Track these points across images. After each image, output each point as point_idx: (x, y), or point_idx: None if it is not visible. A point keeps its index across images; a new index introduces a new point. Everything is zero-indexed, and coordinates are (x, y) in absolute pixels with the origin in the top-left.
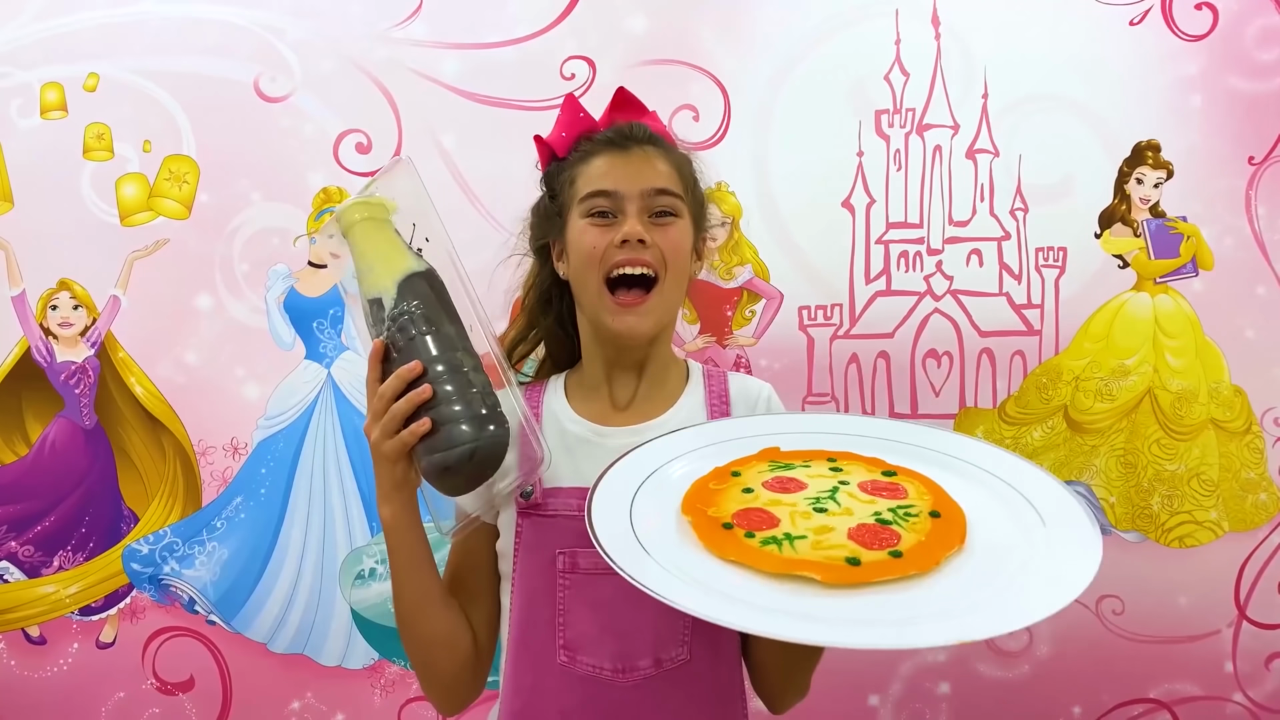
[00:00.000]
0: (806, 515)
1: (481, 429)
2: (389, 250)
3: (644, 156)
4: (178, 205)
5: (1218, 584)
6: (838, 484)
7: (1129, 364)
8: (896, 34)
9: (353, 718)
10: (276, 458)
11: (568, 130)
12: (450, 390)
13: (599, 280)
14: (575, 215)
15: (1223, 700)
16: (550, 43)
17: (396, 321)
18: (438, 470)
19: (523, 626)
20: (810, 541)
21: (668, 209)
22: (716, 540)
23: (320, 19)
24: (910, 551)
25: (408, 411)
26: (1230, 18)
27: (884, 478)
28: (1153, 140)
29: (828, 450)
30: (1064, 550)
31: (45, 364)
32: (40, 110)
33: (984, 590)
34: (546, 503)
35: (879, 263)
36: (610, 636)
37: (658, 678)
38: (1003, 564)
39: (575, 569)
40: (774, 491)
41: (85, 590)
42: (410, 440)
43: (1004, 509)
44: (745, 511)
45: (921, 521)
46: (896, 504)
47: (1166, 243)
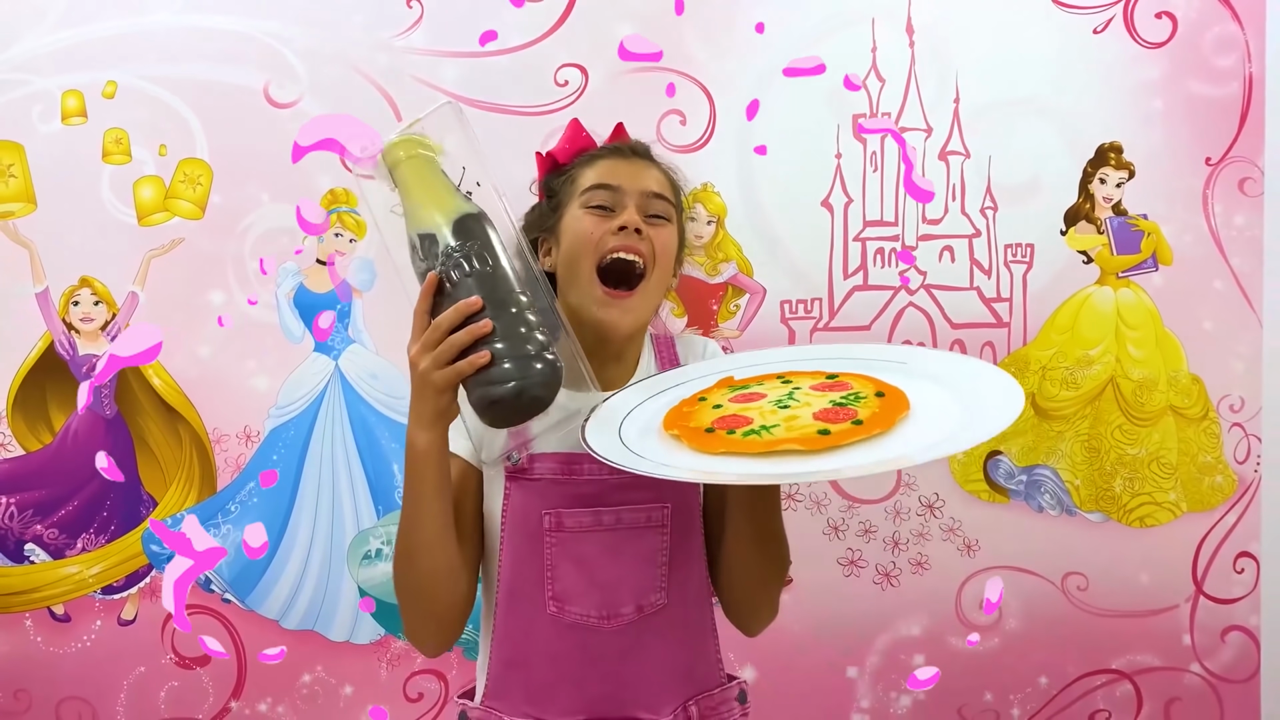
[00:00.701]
0: (774, 412)
1: (533, 366)
2: (440, 189)
3: (644, 164)
4: (192, 206)
5: (1176, 561)
6: (792, 390)
7: (1093, 354)
8: (873, 42)
9: (360, 690)
10: (287, 445)
11: (571, 144)
12: (505, 326)
13: (591, 267)
14: (574, 207)
15: (1181, 671)
16: (544, 51)
17: (451, 257)
18: (489, 402)
19: (513, 581)
20: (783, 427)
21: (661, 213)
22: (703, 440)
23: (326, 28)
24: (869, 419)
25: (466, 343)
26: (1189, 26)
27: (828, 380)
28: (1115, 142)
29: (776, 371)
30: (990, 389)
31: (68, 357)
32: (61, 116)
33: (943, 428)
34: (532, 467)
35: (856, 259)
36: (595, 588)
37: (639, 621)
38: (946, 411)
39: (561, 528)
40: (740, 403)
41: (107, 570)
42: (467, 370)
43: (933, 384)
44: (721, 418)
45: (870, 401)
46: (845, 393)
47: (1128, 239)
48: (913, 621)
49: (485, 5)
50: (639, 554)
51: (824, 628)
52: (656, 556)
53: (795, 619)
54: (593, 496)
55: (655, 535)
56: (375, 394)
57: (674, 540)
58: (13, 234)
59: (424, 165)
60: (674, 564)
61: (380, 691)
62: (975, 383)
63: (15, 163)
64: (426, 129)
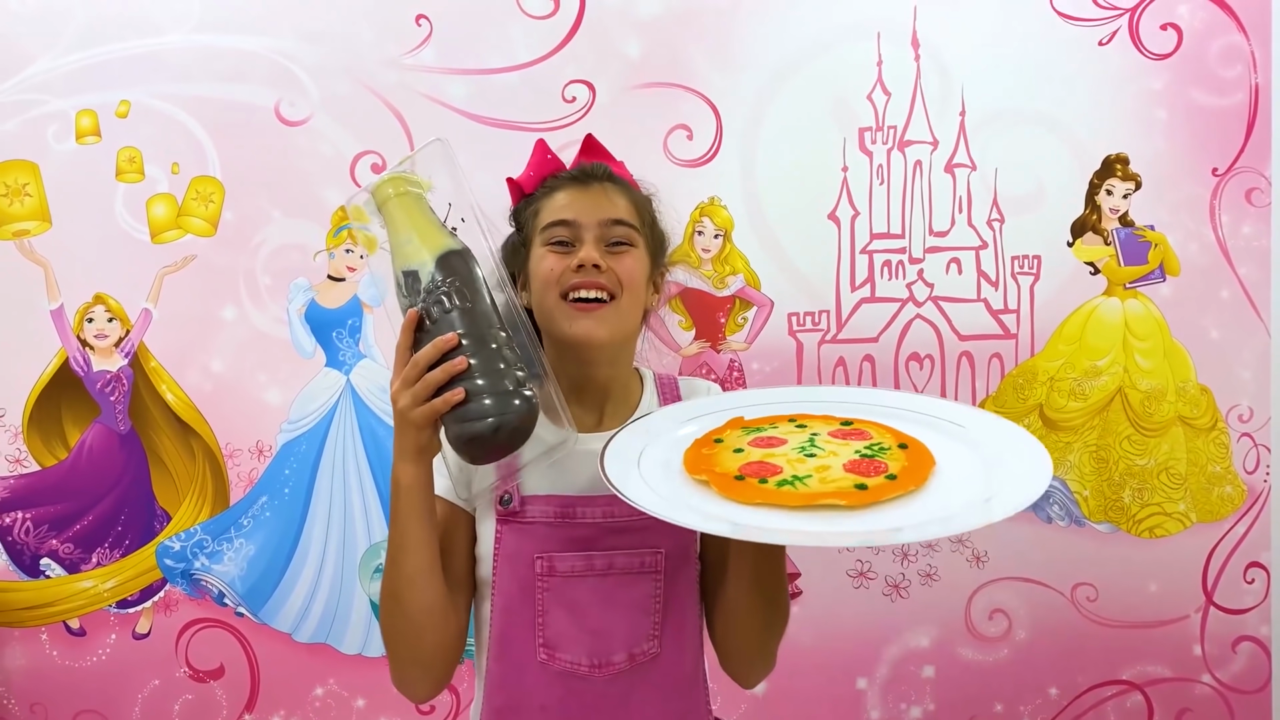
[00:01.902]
0: (801, 460)
1: (510, 403)
2: (425, 225)
3: (602, 191)
4: (204, 223)
5: (1186, 572)
6: (810, 435)
7: (1100, 365)
8: (878, 55)
9: (372, 702)
10: (299, 459)
11: (536, 170)
12: (483, 363)
13: (556, 299)
14: (537, 244)
15: (1192, 681)
16: (552, 68)
17: (433, 294)
18: (465, 439)
19: (504, 626)
20: (817, 479)
21: (623, 239)
22: (734, 489)
23: (336, 47)
24: (902, 474)
25: (442, 381)
26: (1194, 37)
27: (844, 426)
28: (1121, 153)
29: (785, 414)
30: (1012, 452)
31: (82, 373)
32: (75, 135)
33: (971, 484)
34: (525, 510)
35: (864, 271)
36: (586, 635)
37: (631, 671)
38: (967, 464)
39: (553, 573)
40: (762, 448)
41: (122, 585)
42: (442, 408)
43: (936, 433)
44: (748, 465)
45: (895, 452)
46: (868, 443)
47: (1135, 250)
48: (922, 633)
49: (493, 22)
50: (632, 601)
51: (833, 639)
52: (650, 604)
53: (805, 630)
54: (586, 540)
55: (649, 581)
56: (386, 408)
57: (668, 587)
58: (28, 252)
59: (410, 203)
60: (668, 612)
61: (392, 704)
62: (985, 432)
63: (30, 181)
64: (416, 166)
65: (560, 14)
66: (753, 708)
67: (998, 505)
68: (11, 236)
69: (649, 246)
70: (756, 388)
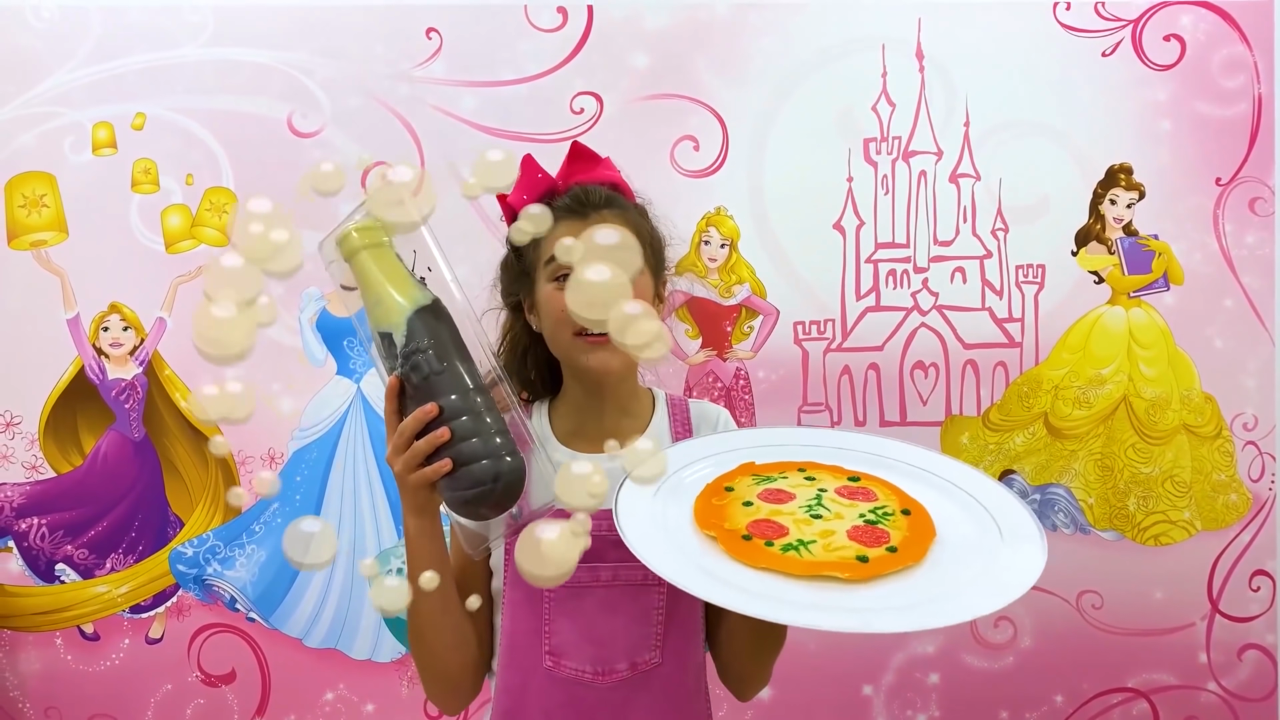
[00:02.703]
0: (808, 522)
1: (499, 464)
2: (394, 280)
3: (600, 220)
4: (218, 233)
5: (1191, 579)
6: (818, 491)
7: (1105, 373)
8: (883, 67)
9: (382, 707)
10: (310, 466)
11: (529, 192)
12: (467, 429)
13: (569, 335)
14: (542, 279)
15: (1197, 689)
16: (560, 80)
17: (409, 360)
18: (459, 504)
19: (513, 633)
20: (821, 545)
21: None
22: (741, 549)
23: (348, 60)
24: (902, 546)
25: (428, 451)
26: (1197, 48)
27: (851, 483)
28: (1125, 163)
29: (795, 462)
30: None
31: (98, 381)
32: (92, 147)
33: (969, 571)
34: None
35: (869, 280)
36: (590, 643)
37: (633, 679)
38: (970, 545)
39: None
40: (770, 503)
41: (135, 590)
42: (432, 477)
43: (941, 495)
44: (756, 523)
45: (897, 519)
46: (872, 506)
47: (1139, 259)
48: (928, 640)
49: (503, 35)
50: (635, 612)
51: (839, 645)
52: (652, 615)
53: (810, 637)
54: (591, 553)
55: (652, 593)
56: None
57: (671, 599)
58: (45, 262)
59: (379, 255)
60: (670, 623)
61: (402, 710)
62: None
63: (47, 193)
64: (361, 215)
65: (568, 27)
66: (758, 715)
67: (976, 600)
68: (29, 247)
69: (650, 263)
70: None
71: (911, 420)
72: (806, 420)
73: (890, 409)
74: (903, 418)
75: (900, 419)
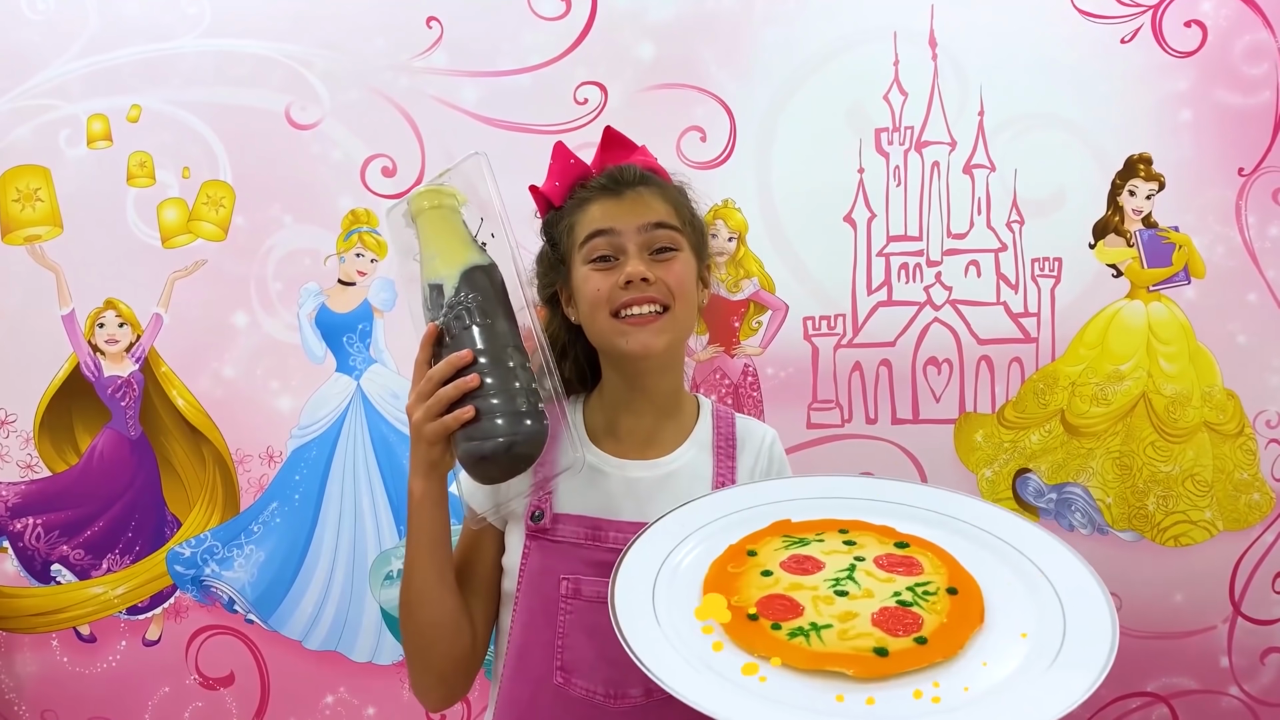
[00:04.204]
0: (829, 600)
1: (520, 424)
2: (454, 240)
3: (637, 197)
4: (215, 228)
5: (1213, 581)
6: (853, 560)
7: (1124, 369)
8: (894, 55)
9: (383, 711)
10: (309, 465)
11: (561, 179)
12: (496, 382)
13: (607, 316)
14: (578, 262)
15: (1219, 694)
16: (564, 69)
17: (454, 309)
18: (473, 458)
19: (523, 644)
20: (836, 631)
21: (668, 244)
22: (744, 632)
23: (347, 51)
24: (934, 636)
25: (454, 397)
26: (1219, 34)
27: (897, 550)
28: (1144, 153)
29: (838, 520)
30: (1077, 624)
31: (93, 378)
32: (87, 140)
33: (1007, 679)
34: (555, 528)
35: (880, 274)
36: (605, 664)
37: (646, 706)
38: (1018, 644)
39: (578, 595)
40: (793, 574)
41: (132, 591)
42: (452, 425)
43: (1013, 573)
44: (769, 600)
45: (940, 600)
46: (914, 581)
47: (1159, 252)
48: None
49: (505, 24)
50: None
51: None
52: None
53: None
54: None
55: None
56: (397, 413)
57: None
58: (40, 257)
59: (444, 216)
60: None
61: (403, 713)
62: (1068, 598)
63: (42, 186)
64: (454, 178)
65: (572, 15)
66: None
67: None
68: (23, 241)
69: (693, 243)
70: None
71: (924, 418)
72: (817, 419)
73: (902, 406)
74: (915, 415)
75: (913, 417)
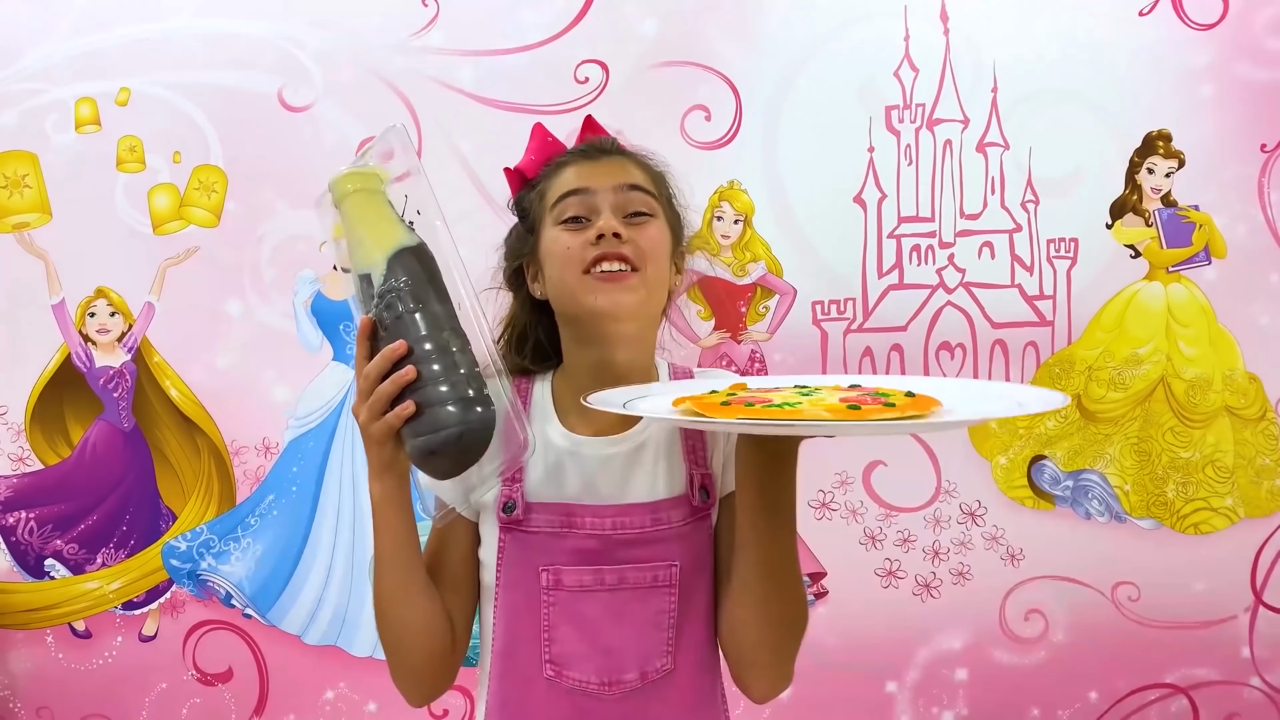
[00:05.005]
0: (795, 397)
1: (467, 412)
2: (380, 223)
3: (615, 160)
4: (207, 214)
5: (1234, 570)
6: (811, 390)
7: (1142, 353)
8: (905, 31)
9: (384, 707)
10: (307, 456)
11: (538, 154)
12: (436, 371)
13: (578, 274)
14: (548, 225)
15: (1240, 685)
16: (563, 48)
17: (384, 299)
18: (422, 454)
19: (508, 640)
20: (807, 405)
21: (643, 209)
22: (719, 411)
23: (340, 30)
24: (901, 404)
25: (393, 393)
26: (1240, 6)
27: (850, 389)
28: (1163, 130)
29: (790, 385)
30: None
31: (85, 369)
32: (75, 125)
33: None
34: (529, 518)
35: (891, 257)
36: (596, 652)
37: (643, 689)
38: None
39: (559, 586)
40: (758, 393)
41: (127, 586)
42: (395, 423)
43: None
44: (736, 398)
45: (898, 395)
46: (873, 391)
47: (1179, 232)
48: (954, 634)
49: (502, 1)
50: (644, 617)
51: (861, 641)
52: (664, 619)
53: (831, 632)
54: (595, 553)
55: (663, 596)
56: None
57: (682, 601)
58: (28, 245)
59: (365, 200)
60: (682, 627)
61: (404, 709)
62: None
63: (30, 173)
64: (371, 159)
65: None
66: (777, 713)
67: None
68: (11, 229)
69: (669, 220)
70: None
71: None
72: None
73: None
74: None
75: None
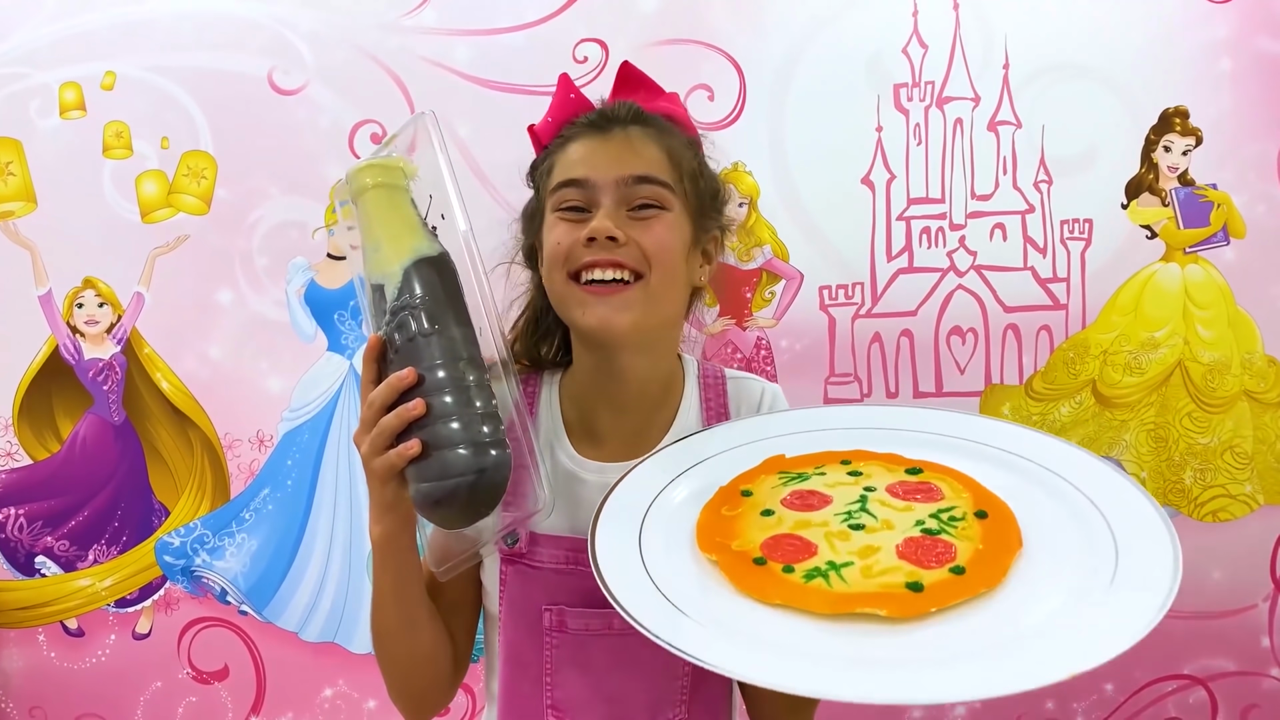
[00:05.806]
0: (844, 536)
1: (481, 458)
2: (399, 226)
3: (625, 140)
4: (197, 201)
5: (1253, 558)
6: (863, 491)
7: (1158, 336)
8: (914, 6)
9: (384, 704)
10: (302, 449)
11: (556, 115)
12: (448, 406)
13: (564, 279)
14: (548, 210)
15: (1259, 675)
16: (562, 26)
17: (396, 316)
18: (427, 501)
19: (510, 678)
20: (858, 568)
21: (650, 200)
22: (753, 582)
23: (331, 9)
24: (971, 565)
25: (397, 428)
26: None
27: (910, 477)
28: (1180, 106)
29: (838, 451)
30: (1129, 537)
31: (74, 361)
32: (59, 110)
33: (1063, 606)
34: (533, 551)
35: (900, 240)
36: (602, 701)
37: None
38: (1067, 567)
39: (563, 628)
40: (797, 511)
41: (120, 583)
42: (398, 462)
43: (1043, 492)
44: (774, 540)
45: (969, 525)
46: (936, 508)
47: (1196, 211)
48: None
49: None
50: (656, 665)
51: None
52: (677, 668)
53: None
54: (600, 595)
55: None
56: None
57: None
58: (13, 234)
59: (387, 197)
60: (697, 674)
61: None
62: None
63: (14, 160)
64: (398, 148)
65: None
66: None
67: (1064, 652)
68: None
69: (689, 206)
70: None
71: (948, 390)
72: (835, 394)
73: (925, 379)
74: (939, 388)
75: (936, 389)
